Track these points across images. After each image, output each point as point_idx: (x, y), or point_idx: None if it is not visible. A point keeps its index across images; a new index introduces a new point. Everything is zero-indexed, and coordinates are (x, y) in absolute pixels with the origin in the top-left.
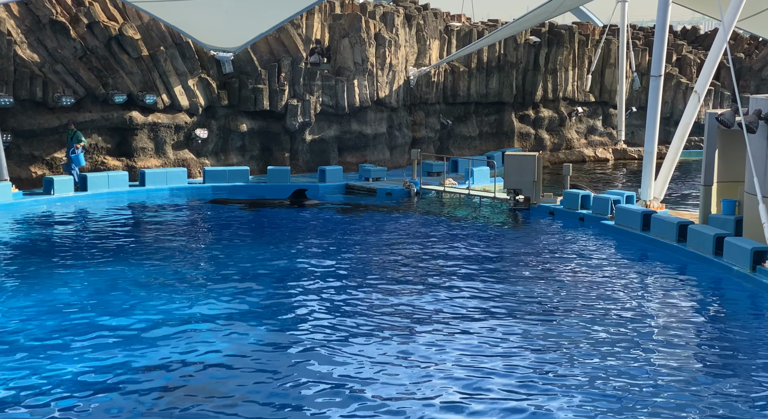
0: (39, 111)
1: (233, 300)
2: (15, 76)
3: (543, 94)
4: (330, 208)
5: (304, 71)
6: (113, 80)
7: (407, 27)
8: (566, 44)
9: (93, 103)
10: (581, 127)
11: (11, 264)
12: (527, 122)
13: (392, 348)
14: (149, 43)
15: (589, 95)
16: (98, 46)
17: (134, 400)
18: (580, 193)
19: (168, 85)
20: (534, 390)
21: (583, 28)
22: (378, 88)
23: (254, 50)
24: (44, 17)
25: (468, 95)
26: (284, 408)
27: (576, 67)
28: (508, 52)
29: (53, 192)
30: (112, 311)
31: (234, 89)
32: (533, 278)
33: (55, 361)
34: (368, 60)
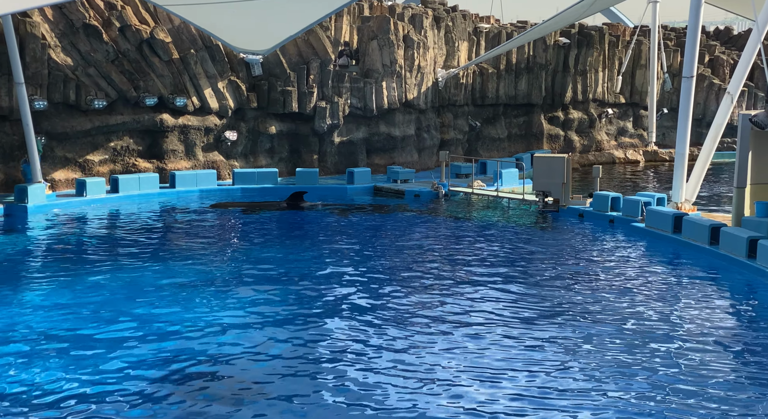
0: (72, 114)
1: (263, 302)
2: (49, 80)
3: (572, 95)
4: (327, 210)
5: (333, 73)
6: (144, 83)
7: (436, 29)
8: (596, 45)
9: (124, 106)
10: (611, 128)
11: (44, 264)
12: (556, 123)
13: (422, 349)
14: (180, 46)
15: (619, 97)
16: (130, 49)
17: (161, 397)
18: (610, 195)
19: (198, 87)
20: (566, 394)
21: (613, 29)
22: (406, 90)
23: (283, 53)
24: (77, 21)
25: (497, 97)
26: (310, 412)
27: (606, 69)
28: (538, 54)
29: (86, 194)
30: (140, 311)
31: (263, 92)
32: (563, 281)
33: (87, 358)
34: (396, 62)
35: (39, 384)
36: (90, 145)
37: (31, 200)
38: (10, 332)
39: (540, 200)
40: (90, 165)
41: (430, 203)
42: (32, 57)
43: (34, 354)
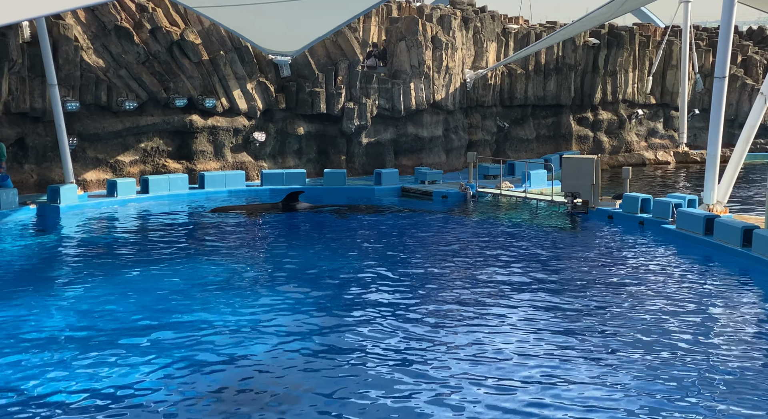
0: (103, 115)
1: (294, 302)
2: (81, 82)
3: (602, 96)
4: (324, 211)
5: (361, 74)
6: (174, 84)
7: (464, 29)
8: (626, 46)
9: (155, 107)
10: (641, 129)
11: (76, 263)
12: (586, 124)
13: (453, 352)
14: (209, 48)
15: (649, 97)
16: (160, 51)
17: (189, 398)
18: (640, 196)
19: (227, 89)
20: (597, 396)
21: (644, 29)
22: (434, 91)
23: (312, 54)
24: (109, 23)
25: (525, 98)
26: (338, 413)
27: (636, 69)
28: (567, 54)
29: (116, 194)
30: (170, 311)
31: (291, 93)
32: (592, 283)
33: (118, 357)
34: (425, 63)
35: (68, 383)
36: (121, 146)
37: (64, 201)
38: (40, 331)
39: (569, 201)
40: (121, 166)
41: (456, 205)
42: (65, 59)
43: (64, 354)
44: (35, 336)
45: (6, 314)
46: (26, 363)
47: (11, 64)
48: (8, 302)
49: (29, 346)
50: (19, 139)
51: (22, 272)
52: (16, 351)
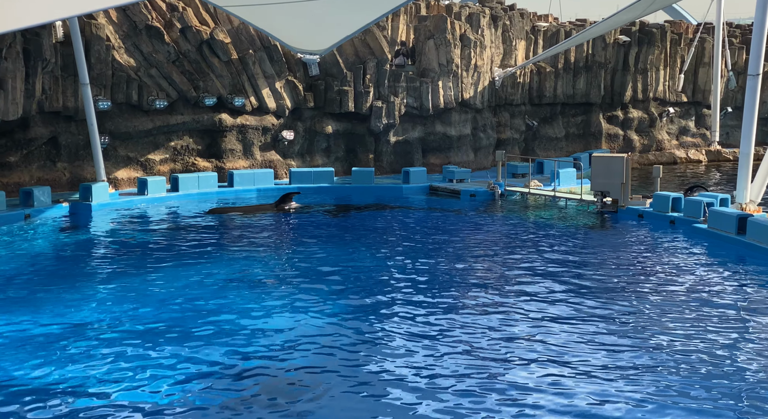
0: (134, 114)
1: (320, 300)
2: (113, 81)
3: (632, 94)
4: (320, 212)
5: (389, 73)
6: (204, 83)
7: (493, 28)
8: (658, 43)
9: (185, 106)
10: (672, 128)
11: (107, 260)
12: (616, 122)
13: (482, 352)
14: (239, 47)
15: (681, 95)
16: (190, 50)
17: (217, 394)
18: (670, 195)
19: (256, 87)
20: (628, 399)
21: (675, 27)
22: (463, 89)
23: (340, 53)
24: (140, 23)
25: (554, 96)
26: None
27: (668, 67)
28: (597, 52)
29: (147, 192)
30: (198, 308)
31: (320, 91)
32: (623, 283)
33: (147, 353)
34: (453, 61)
35: (100, 378)
36: (151, 144)
37: (95, 199)
38: (70, 327)
39: (598, 200)
40: (151, 164)
41: (484, 203)
42: (97, 58)
43: (92, 349)
44: (65, 331)
45: (38, 309)
46: (56, 358)
47: (45, 64)
48: (41, 298)
49: (59, 341)
50: (52, 137)
51: (55, 268)
52: (46, 346)
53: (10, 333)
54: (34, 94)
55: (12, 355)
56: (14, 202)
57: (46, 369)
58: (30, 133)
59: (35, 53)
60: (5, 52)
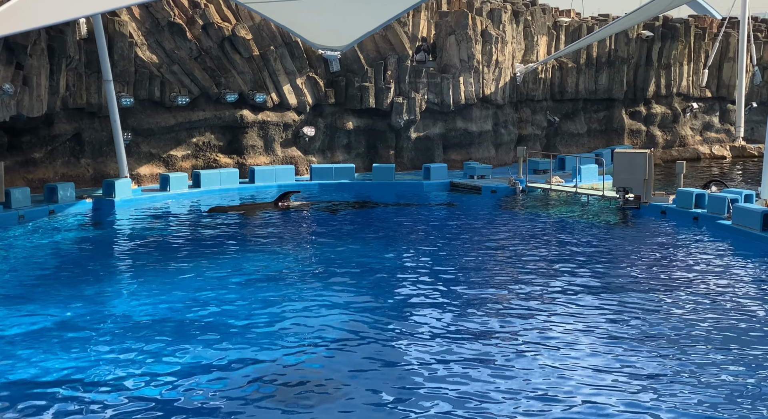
0: (157, 110)
1: (343, 298)
2: (135, 77)
3: (655, 90)
4: (320, 209)
5: (410, 69)
6: (225, 80)
7: (514, 23)
8: (681, 38)
9: (206, 102)
10: (696, 123)
11: (130, 256)
12: (638, 118)
13: (504, 352)
14: (260, 43)
15: (705, 91)
16: (212, 46)
17: (241, 390)
18: (694, 191)
19: (277, 84)
20: (651, 402)
21: (699, 21)
22: (484, 85)
23: (361, 49)
24: (163, 19)
25: (576, 92)
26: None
27: (692, 62)
28: (619, 47)
29: (169, 188)
30: (221, 304)
31: (341, 88)
32: (646, 281)
33: (169, 347)
34: (474, 57)
35: (122, 374)
36: (173, 141)
37: (118, 195)
38: (94, 322)
39: (620, 196)
40: (173, 160)
41: (504, 199)
42: (120, 55)
43: (115, 343)
44: (90, 326)
45: (62, 304)
46: (80, 353)
47: (69, 61)
48: (64, 293)
49: (84, 336)
50: (76, 134)
51: (79, 264)
52: (69, 340)
53: (33, 326)
54: (59, 91)
55: (35, 347)
56: (39, 198)
57: (68, 361)
58: (54, 129)
59: (59, 50)
60: (30, 50)
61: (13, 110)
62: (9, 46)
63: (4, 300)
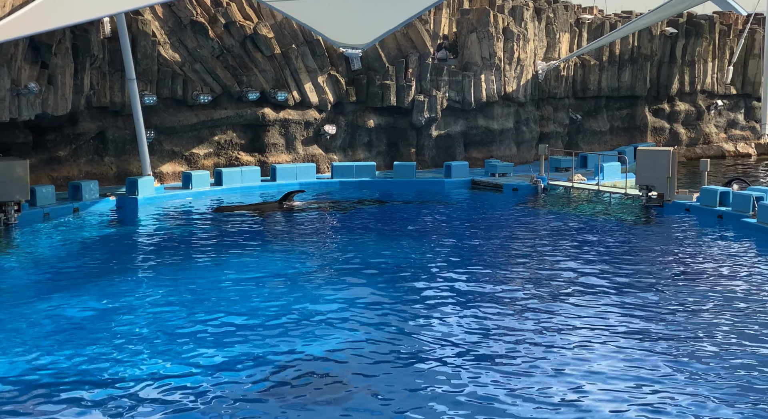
0: (179, 109)
1: (362, 296)
2: (158, 76)
3: (679, 87)
4: (324, 208)
5: (431, 67)
6: (247, 78)
7: (536, 21)
8: (706, 35)
9: (228, 100)
10: (721, 121)
11: (153, 253)
12: (662, 116)
13: (526, 351)
14: (281, 42)
15: (729, 88)
16: (234, 45)
17: (256, 388)
18: (718, 189)
19: (299, 82)
20: (674, 397)
21: (724, 18)
22: (505, 82)
23: (382, 47)
24: (185, 18)
25: (599, 89)
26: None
27: (716, 59)
28: (642, 44)
29: (191, 186)
30: (244, 300)
31: (362, 86)
32: (669, 280)
33: (188, 348)
34: (496, 55)
35: (141, 372)
36: (195, 139)
37: (141, 193)
38: (119, 319)
39: (643, 194)
40: (195, 158)
41: (526, 197)
42: (143, 54)
43: (138, 342)
44: (114, 323)
45: (86, 302)
46: (103, 351)
47: (93, 60)
48: (89, 290)
49: (107, 334)
50: (99, 132)
51: (102, 261)
52: (92, 338)
53: (55, 322)
54: (83, 90)
55: (58, 343)
56: (63, 196)
57: (89, 357)
58: (78, 128)
59: (84, 49)
60: (55, 49)
61: (38, 108)
62: (34, 46)
63: (29, 297)
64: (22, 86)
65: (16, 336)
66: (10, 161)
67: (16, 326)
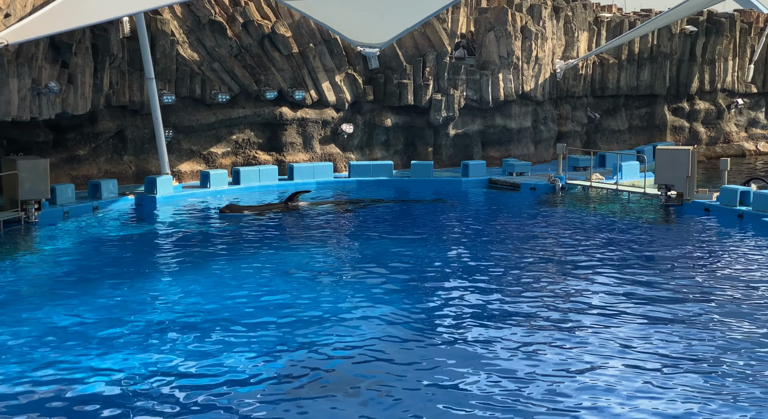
0: (197, 108)
1: (382, 293)
2: (177, 75)
3: (699, 85)
4: (329, 208)
5: (449, 66)
6: (265, 77)
7: (555, 19)
8: (726, 33)
9: (246, 99)
10: (741, 119)
11: (172, 251)
12: (681, 114)
13: (545, 351)
14: (299, 41)
15: (750, 86)
16: (252, 44)
17: (287, 380)
18: (738, 189)
19: (316, 81)
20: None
21: (745, 16)
22: (523, 81)
23: (400, 45)
24: (204, 17)
25: (617, 88)
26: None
27: (737, 57)
28: (662, 43)
29: (209, 185)
30: (263, 299)
31: (379, 84)
32: (690, 279)
33: (211, 342)
34: (514, 53)
35: (163, 367)
36: (213, 138)
37: (160, 191)
38: (138, 317)
39: (662, 193)
40: (213, 157)
41: (544, 197)
42: (162, 53)
43: (159, 340)
44: (133, 321)
45: (106, 300)
46: (123, 348)
47: (112, 59)
48: (108, 289)
49: (126, 332)
50: (118, 131)
51: (122, 259)
52: (113, 335)
53: (75, 321)
54: (102, 89)
55: (77, 342)
56: (83, 194)
57: (109, 356)
58: (98, 127)
59: (103, 49)
60: (75, 48)
61: (59, 107)
62: (55, 45)
63: (49, 295)
64: (43, 86)
65: (37, 334)
66: (30, 160)
67: (37, 324)
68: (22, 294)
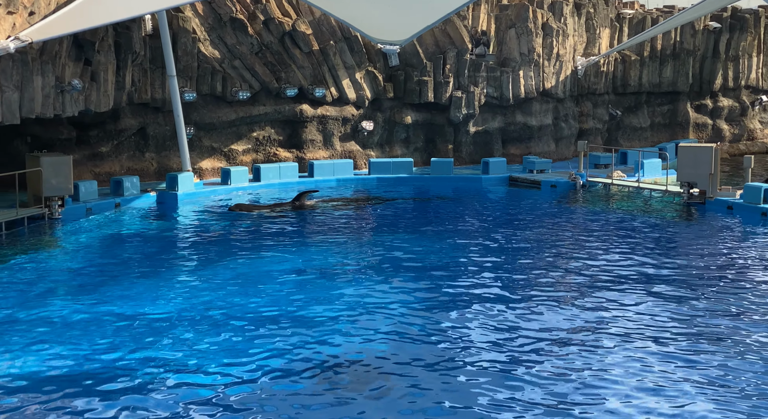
0: (218, 105)
1: (398, 291)
2: (198, 72)
3: (722, 82)
4: (338, 206)
5: (469, 63)
6: (285, 74)
7: (576, 16)
8: (751, 29)
9: (266, 97)
10: (765, 116)
11: (193, 248)
12: (704, 111)
13: (559, 351)
14: (320, 38)
15: None
16: (273, 41)
17: (295, 384)
18: (762, 186)
19: (336, 78)
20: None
21: None
22: (544, 78)
23: (420, 43)
24: (225, 15)
25: (639, 85)
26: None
27: (762, 54)
28: (685, 39)
29: (230, 182)
30: (282, 296)
31: (399, 82)
32: (714, 278)
33: (230, 339)
34: (534, 50)
35: (182, 364)
36: (234, 135)
37: (181, 188)
38: (158, 313)
39: (685, 191)
40: (234, 154)
41: (564, 194)
42: (183, 50)
43: (178, 336)
44: (155, 317)
45: (127, 296)
46: (142, 344)
47: (134, 57)
48: (130, 284)
49: (147, 328)
50: (140, 128)
51: (143, 255)
52: (133, 332)
53: (96, 317)
54: (125, 87)
55: (98, 337)
56: (105, 191)
57: (131, 351)
58: (120, 124)
59: (126, 47)
60: (98, 46)
61: (82, 105)
62: (78, 43)
63: (72, 290)
64: (66, 83)
65: (61, 330)
66: (54, 156)
67: (61, 320)
68: (43, 289)
